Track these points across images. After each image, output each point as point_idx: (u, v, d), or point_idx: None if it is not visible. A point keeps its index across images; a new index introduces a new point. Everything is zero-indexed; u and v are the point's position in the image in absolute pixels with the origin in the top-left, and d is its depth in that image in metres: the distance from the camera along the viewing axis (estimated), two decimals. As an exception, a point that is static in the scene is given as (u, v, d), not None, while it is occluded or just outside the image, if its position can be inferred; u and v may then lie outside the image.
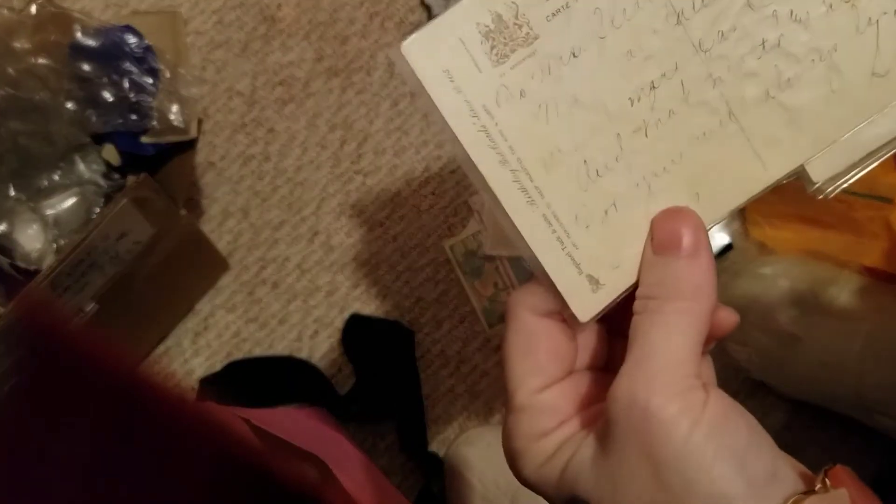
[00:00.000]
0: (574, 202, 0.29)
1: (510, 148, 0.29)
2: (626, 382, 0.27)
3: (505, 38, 0.28)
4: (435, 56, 0.28)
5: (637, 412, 0.26)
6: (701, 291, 0.28)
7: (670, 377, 0.27)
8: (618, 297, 0.30)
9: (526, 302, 0.31)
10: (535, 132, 0.29)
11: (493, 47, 0.28)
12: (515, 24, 0.28)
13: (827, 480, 0.27)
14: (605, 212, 0.30)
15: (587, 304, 0.30)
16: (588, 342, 0.32)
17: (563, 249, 0.29)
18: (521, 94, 0.29)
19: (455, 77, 0.28)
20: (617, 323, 0.31)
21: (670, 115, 0.30)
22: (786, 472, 0.27)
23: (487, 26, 0.28)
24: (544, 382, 0.30)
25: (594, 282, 0.30)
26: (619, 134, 0.29)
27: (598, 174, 0.29)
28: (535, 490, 0.30)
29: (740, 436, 0.26)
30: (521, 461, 0.30)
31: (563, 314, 0.30)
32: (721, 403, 0.27)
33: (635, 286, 0.30)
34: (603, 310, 0.30)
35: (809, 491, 0.26)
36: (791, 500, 0.26)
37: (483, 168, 0.29)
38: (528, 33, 0.28)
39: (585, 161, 0.29)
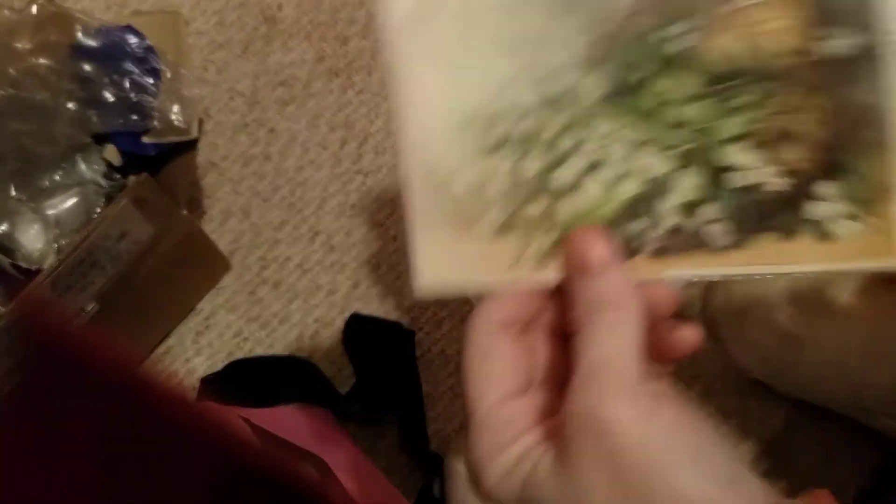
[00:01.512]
0: None
1: None
2: (578, 396, 0.28)
3: None
4: None
5: (591, 422, 0.27)
6: (623, 302, 0.29)
7: (616, 385, 0.28)
8: None
9: (483, 316, 0.31)
10: None
11: None
12: None
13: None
14: None
15: None
16: (547, 357, 0.33)
17: None
18: None
19: None
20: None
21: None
22: (747, 477, 0.28)
23: None
24: (503, 396, 0.31)
25: None
26: None
27: None
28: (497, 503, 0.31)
29: (694, 438, 0.27)
30: (483, 474, 0.31)
31: (520, 327, 0.32)
32: (672, 408, 0.28)
33: None
34: None
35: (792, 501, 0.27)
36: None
37: None
38: None
39: None
